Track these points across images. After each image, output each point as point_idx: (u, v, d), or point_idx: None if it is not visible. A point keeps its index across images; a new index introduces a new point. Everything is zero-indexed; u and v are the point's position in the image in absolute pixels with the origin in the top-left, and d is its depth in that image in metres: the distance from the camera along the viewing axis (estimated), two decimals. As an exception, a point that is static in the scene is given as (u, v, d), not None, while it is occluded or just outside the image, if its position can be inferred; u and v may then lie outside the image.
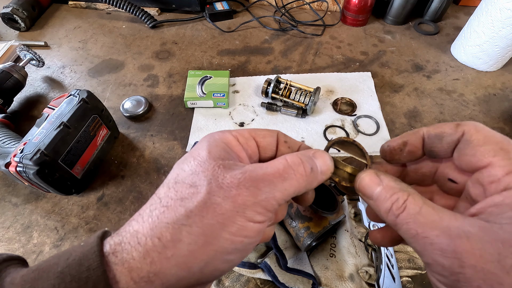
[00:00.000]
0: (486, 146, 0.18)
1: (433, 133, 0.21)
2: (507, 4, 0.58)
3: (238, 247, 0.18)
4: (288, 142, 0.23)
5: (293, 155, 0.20)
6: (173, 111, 0.63)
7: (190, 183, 0.19)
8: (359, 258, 0.42)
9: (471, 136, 0.19)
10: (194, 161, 0.19)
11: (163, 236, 0.17)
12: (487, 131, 0.19)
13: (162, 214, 0.18)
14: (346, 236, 0.44)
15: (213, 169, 0.19)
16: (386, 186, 0.20)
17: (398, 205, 0.19)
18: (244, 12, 0.88)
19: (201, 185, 0.18)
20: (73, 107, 0.47)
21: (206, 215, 0.17)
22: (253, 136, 0.22)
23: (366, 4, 0.76)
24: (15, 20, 0.79)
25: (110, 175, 0.54)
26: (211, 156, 0.19)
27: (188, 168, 0.19)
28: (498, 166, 0.17)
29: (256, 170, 0.19)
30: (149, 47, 0.78)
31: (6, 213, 0.49)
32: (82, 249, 0.17)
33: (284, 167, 0.19)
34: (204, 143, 0.21)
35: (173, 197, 0.18)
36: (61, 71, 0.72)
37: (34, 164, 0.41)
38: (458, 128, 0.20)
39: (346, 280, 0.40)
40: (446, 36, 0.79)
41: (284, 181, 0.19)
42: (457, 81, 0.68)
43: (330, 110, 0.63)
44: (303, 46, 0.77)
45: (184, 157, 0.21)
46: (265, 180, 0.19)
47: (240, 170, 0.19)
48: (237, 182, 0.18)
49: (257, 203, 0.18)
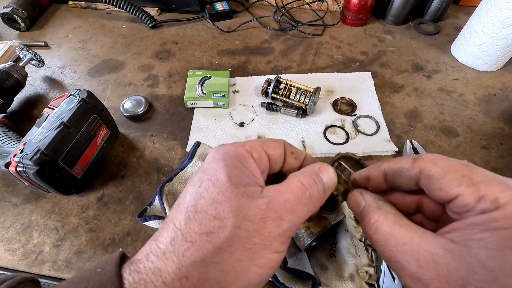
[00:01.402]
0: (447, 177, 0.18)
1: (393, 169, 0.21)
2: (507, 4, 0.58)
3: (264, 279, 0.18)
4: (295, 153, 0.23)
5: (306, 176, 0.20)
6: (173, 111, 0.63)
7: (214, 214, 0.17)
8: (359, 258, 0.42)
9: (430, 171, 0.19)
10: (214, 187, 0.18)
11: (191, 276, 0.16)
12: (443, 161, 0.19)
13: (187, 251, 0.17)
14: (346, 236, 0.44)
15: (237, 198, 0.18)
16: (366, 204, 0.21)
17: (370, 225, 0.19)
18: (244, 12, 0.88)
19: (227, 218, 0.17)
20: (73, 107, 0.47)
21: (235, 251, 0.17)
22: (264, 149, 0.22)
23: (366, 4, 0.76)
24: (15, 20, 0.79)
25: (110, 175, 0.54)
26: (232, 182, 0.18)
27: (209, 196, 0.18)
28: (467, 194, 0.17)
29: (277, 197, 0.19)
30: (149, 47, 0.78)
31: (6, 213, 0.49)
32: (99, 278, 0.16)
33: (302, 191, 0.19)
34: (220, 163, 0.19)
35: (197, 231, 0.17)
36: (61, 71, 0.72)
37: (34, 164, 0.41)
38: (414, 163, 0.20)
39: (346, 280, 0.40)
40: (446, 36, 0.79)
41: (303, 206, 0.19)
42: (457, 81, 0.68)
43: (330, 110, 0.63)
44: (303, 46, 0.77)
45: (199, 178, 0.19)
46: (287, 208, 0.18)
47: (264, 199, 0.18)
48: (262, 214, 0.18)
49: (282, 234, 0.18)
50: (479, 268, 0.15)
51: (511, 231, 0.15)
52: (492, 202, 0.16)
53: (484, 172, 0.17)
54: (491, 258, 0.15)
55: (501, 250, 0.15)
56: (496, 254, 0.15)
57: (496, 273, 0.15)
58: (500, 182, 0.17)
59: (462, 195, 0.17)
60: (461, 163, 0.18)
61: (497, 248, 0.15)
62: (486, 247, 0.15)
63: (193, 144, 0.53)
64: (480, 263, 0.15)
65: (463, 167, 0.18)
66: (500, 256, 0.15)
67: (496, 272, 0.15)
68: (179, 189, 0.48)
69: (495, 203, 0.16)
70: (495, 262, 0.15)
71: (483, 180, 0.17)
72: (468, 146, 0.57)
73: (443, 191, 0.18)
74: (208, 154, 0.21)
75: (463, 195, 0.17)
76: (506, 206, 0.16)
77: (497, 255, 0.15)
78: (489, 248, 0.15)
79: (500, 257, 0.15)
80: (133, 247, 0.46)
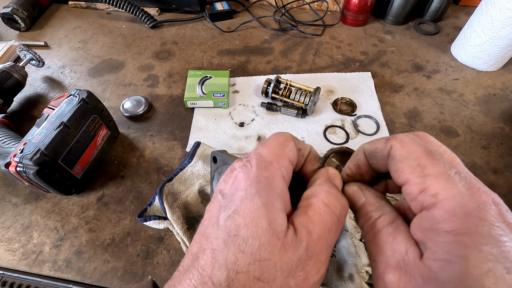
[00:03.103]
0: (405, 162, 0.18)
1: (370, 150, 0.21)
2: (507, 4, 0.58)
3: None
4: (302, 149, 0.22)
5: (327, 194, 0.20)
6: (173, 111, 0.63)
7: (258, 276, 0.16)
8: (359, 258, 0.42)
9: (395, 151, 0.18)
10: (254, 240, 0.16)
11: None
12: (411, 144, 0.18)
13: None
14: (346, 236, 0.44)
15: (279, 253, 0.16)
16: (367, 202, 0.21)
17: (369, 224, 0.20)
18: (244, 12, 0.88)
19: (271, 280, 0.16)
20: (73, 107, 0.47)
21: None
22: (288, 157, 0.21)
23: (366, 4, 0.76)
24: (15, 20, 0.79)
25: (110, 175, 0.54)
26: (273, 233, 0.17)
27: (250, 251, 0.16)
28: (413, 183, 0.17)
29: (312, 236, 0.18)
30: (149, 47, 0.78)
31: (6, 213, 0.49)
32: None
33: (330, 217, 0.19)
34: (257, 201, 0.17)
35: None
36: (61, 71, 0.72)
37: (34, 164, 0.41)
38: (387, 143, 0.19)
39: (346, 280, 0.40)
40: (446, 36, 0.79)
41: (335, 234, 0.19)
42: (457, 81, 0.68)
43: (330, 110, 0.63)
44: (303, 46, 0.77)
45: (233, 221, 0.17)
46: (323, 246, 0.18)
47: (302, 247, 0.17)
48: (303, 264, 0.17)
49: (321, 278, 0.18)
50: (433, 281, 0.15)
51: (452, 235, 0.15)
52: (431, 197, 0.16)
53: (439, 165, 0.17)
54: (441, 269, 0.15)
55: (448, 259, 0.15)
56: (445, 265, 0.15)
57: (447, 285, 0.15)
58: (447, 178, 0.16)
59: (410, 183, 0.17)
60: (426, 152, 0.17)
61: (444, 257, 0.15)
62: (436, 258, 0.15)
63: (193, 144, 0.53)
64: (433, 274, 0.15)
65: (424, 156, 0.17)
66: (448, 266, 0.15)
67: (446, 284, 0.15)
68: (179, 189, 0.48)
69: (434, 198, 0.16)
70: (445, 274, 0.15)
71: (433, 173, 0.16)
72: (468, 146, 0.57)
73: (397, 174, 0.18)
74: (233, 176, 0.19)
75: (409, 183, 0.17)
76: (444, 203, 0.16)
77: (446, 265, 0.15)
78: (438, 258, 0.15)
79: (448, 268, 0.15)
80: (133, 247, 0.46)
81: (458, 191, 0.16)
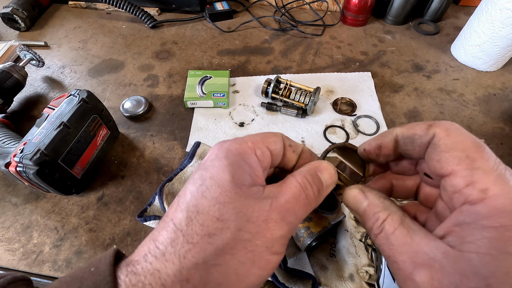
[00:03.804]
0: (452, 152, 0.17)
1: (405, 135, 0.20)
2: (507, 4, 0.58)
3: (263, 280, 0.18)
4: (293, 146, 0.23)
5: (303, 177, 0.20)
6: (173, 111, 0.63)
7: (217, 216, 0.17)
8: (359, 258, 0.42)
9: (440, 140, 0.18)
10: (216, 187, 0.18)
11: (192, 278, 0.16)
12: (458, 134, 0.18)
13: (188, 253, 0.16)
14: (346, 236, 0.44)
15: (241, 200, 0.17)
16: (371, 204, 0.20)
17: (377, 225, 0.19)
18: (244, 12, 0.88)
19: (229, 220, 0.17)
20: (73, 107, 0.47)
21: (237, 253, 0.17)
22: (266, 145, 0.21)
23: (366, 4, 0.76)
24: (15, 20, 0.79)
25: (110, 175, 0.54)
26: (235, 183, 0.18)
27: (211, 196, 0.18)
28: (460, 176, 0.16)
29: (279, 198, 0.18)
30: (149, 47, 0.78)
31: (6, 213, 0.49)
32: (93, 278, 0.16)
33: (299, 191, 0.19)
34: (223, 161, 0.19)
35: (199, 233, 0.17)
36: (61, 71, 0.72)
37: (34, 164, 0.41)
38: (429, 130, 0.19)
39: (346, 280, 0.40)
40: (446, 36, 0.79)
41: (301, 207, 0.19)
42: (457, 81, 0.68)
43: (330, 110, 0.63)
44: (303, 46, 0.77)
45: (200, 175, 0.19)
46: (288, 209, 0.18)
47: (267, 201, 0.18)
48: (266, 216, 0.18)
49: (284, 236, 0.18)
50: (472, 274, 0.15)
51: (500, 230, 0.15)
52: (479, 192, 0.16)
53: (490, 159, 0.16)
54: (484, 263, 0.14)
55: (494, 255, 0.14)
56: (489, 260, 0.14)
57: (489, 280, 0.14)
58: (499, 174, 0.16)
59: (455, 175, 0.17)
60: (474, 143, 0.17)
61: (489, 252, 0.14)
62: (478, 251, 0.15)
63: (193, 144, 0.53)
64: (473, 269, 0.15)
65: (473, 147, 0.17)
66: (492, 261, 0.14)
67: (489, 279, 0.14)
68: (179, 189, 0.48)
69: (482, 193, 0.15)
70: (488, 268, 0.14)
71: (484, 167, 0.16)
72: (468, 146, 0.57)
73: (439, 164, 0.18)
74: (210, 150, 0.20)
75: (456, 174, 0.17)
76: (493, 199, 0.15)
77: (490, 260, 0.14)
78: (481, 252, 0.15)
79: (492, 263, 0.14)
80: (133, 247, 0.46)
81: (511, 188, 0.15)
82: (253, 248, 0.17)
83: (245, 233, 0.17)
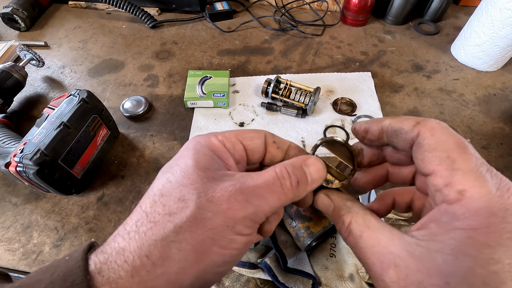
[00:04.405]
0: (434, 152, 0.17)
1: (393, 127, 0.20)
2: (507, 4, 0.58)
3: (228, 260, 0.18)
4: (277, 142, 0.23)
5: (282, 167, 0.20)
6: (173, 111, 0.63)
7: (178, 196, 0.18)
8: (359, 258, 0.42)
9: (424, 140, 0.18)
10: (180, 171, 0.19)
11: (151, 254, 0.17)
12: (442, 134, 0.18)
13: (149, 231, 0.17)
14: (346, 236, 0.44)
15: (203, 181, 0.18)
16: (336, 207, 0.21)
17: (344, 229, 0.20)
18: (244, 12, 0.88)
19: (190, 199, 0.17)
20: (73, 107, 0.47)
21: (196, 231, 0.17)
22: (239, 139, 0.21)
23: (366, 4, 0.76)
24: (15, 20, 0.79)
25: (110, 175, 0.54)
26: (198, 166, 0.19)
27: (175, 180, 0.18)
28: (440, 176, 0.17)
29: (247, 181, 0.19)
30: (149, 47, 0.78)
31: (6, 213, 0.49)
32: (66, 264, 0.17)
33: (274, 180, 0.19)
34: (190, 151, 0.20)
35: (160, 212, 0.18)
36: (61, 71, 0.72)
37: (34, 164, 0.41)
38: (415, 127, 0.19)
39: (346, 280, 0.40)
40: (446, 36, 0.79)
41: (273, 194, 0.19)
42: (457, 81, 0.68)
43: (330, 110, 0.63)
44: (303, 46, 0.77)
45: (168, 164, 0.20)
46: (255, 192, 0.18)
47: (231, 182, 0.18)
48: (228, 195, 0.18)
49: (247, 217, 0.18)
50: (434, 273, 0.15)
51: (467, 232, 0.15)
52: (457, 193, 0.16)
53: (470, 160, 0.16)
54: (446, 263, 0.15)
55: (456, 256, 0.15)
56: (451, 260, 0.15)
57: (448, 279, 0.15)
58: (478, 175, 0.16)
59: (436, 174, 0.17)
60: (457, 144, 0.17)
61: (451, 253, 0.15)
62: (443, 252, 0.15)
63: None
64: (436, 267, 0.15)
65: (455, 148, 0.17)
66: (454, 262, 0.15)
67: (449, 278, 0.15)
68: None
69: (459, 194, 0.16)
70: (449, 268, 0.15)
71: (464, 168, 0.16)
72: (468, 146, 0.57)
73: (423, 163, 0.18)
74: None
75: (436, 174, 0.17)
76: (469, 201, 0.15)
77: (452, 260, 0.15)
78: (445, 252, 0.15)
79: (453, 263, 0.15)
80: (133, 247, 0.46)
81: (488, 190, 0.15)
82: (213, 226, 0.17)
83: (205, 211, 0.17)
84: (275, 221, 0.23)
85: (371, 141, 0.22)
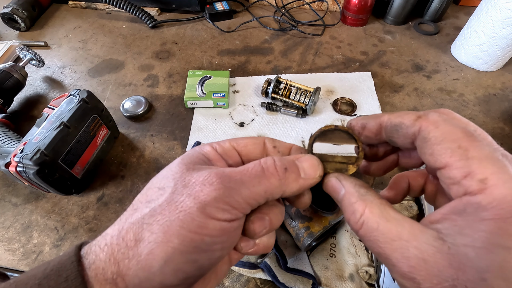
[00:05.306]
0: (443, 144, 0.17)
1: (392, 122, 0.19)
2: (507, 4, 0.58)
3: (199, 246, 0.17)
4: (278, 146, 0.22)
5: (268, 157, 0.20)
6: (173, 111, 0.63)
7: (159, 186, 0.19)
8: (359, 258, 0.42)
9: (429, 133, 0.17)
10: (166, 168, 0.20)
11: (127, 236, 0.17)
12: (447, 125, 0.17)
13: (129, 217, 0.18)
14: (346, 236, 0.44)
15: (182, 171, 0.19)
16: (347, 193, 0.20)
17: (356, 220, 0.18)
18: (244, 12, 0.88)
19: (168, 187, 0.18)
20: (73, 107, 0.47)
21: (167, 213, 0.17)
22: (233, 146, 0.21)
23: (366, 4, 0.76)
24: (15, 20, 0.79)
25: (110, 175, 0.54)
26: (183, 162, 0.20)
27: (160, 175, 0.20)
28: (455, 168, 0.16)
29: (226, 169, 0.19)
30: (149, 47, 0.78)
31: (6, 213, 0.49)
32: (59, 259, 0.17)
33: (255, 166, 0.19)
34: (182, 156, 0.21)
35: (142, 201, 0.19)
36: (61, 71, 0.72)
37: (34, 164, 0.41)
38: (416, 121, 0.18)
39: (346, 280, 0.40)
40: (446, 36, 0.79)
41: (252, 178, 0.18)
42: (457, 81, 0.68)
43: (330, 110, 0.63)
44: (303, 46, 0.77)
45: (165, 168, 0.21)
46: (232, 176, 0.18)
47: (209, 170, 0.19)
48: (202, 179, 0.18)
49: (219, 198, 0.17)
50: (469, 268, 0.14)
51: (497, 223, 0.14)
52: (479, 182, 0.15)
53: (483, 147, 0.16)
54: (479, 257, 0.14)
55: (489, 249, 0.14)
56: (484, 254, 0.14)
57: (484, 275, 0.14)
58: (495, 161, 0.15)
59: (450, 167, 0.16)
60: (464, 132, 0.16)
61: (484, 246, 0.14)
62: (474, 245, 0.14)
63: (193, 144, 0.53)
64: (469, 262, 0.14)
65: (463, 137, 0.16)
66: (487, 255, 0.14)
67: (484, 273, 0.14)
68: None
69: (482, 184, 0.15)
70: (483, 263, 0.14)
71: (478, 156, 0.16)
72: (468, 146, 0.57)
73: (433, 157, 0.17)
74: None
75: (451, 166, 0.16)
76: (493, 189, 0.15)
77: (485, 254, 0.14)
78: (477, 246, 0.14)
79: (487, 257, 0.14)
80: (133, 247, 0.46)
81: (510, 175, 0.15)
82: (184, 208, 0.17)
83: (179, 195, 0.18)
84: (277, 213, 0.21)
85: (368, 138, 0.22)
